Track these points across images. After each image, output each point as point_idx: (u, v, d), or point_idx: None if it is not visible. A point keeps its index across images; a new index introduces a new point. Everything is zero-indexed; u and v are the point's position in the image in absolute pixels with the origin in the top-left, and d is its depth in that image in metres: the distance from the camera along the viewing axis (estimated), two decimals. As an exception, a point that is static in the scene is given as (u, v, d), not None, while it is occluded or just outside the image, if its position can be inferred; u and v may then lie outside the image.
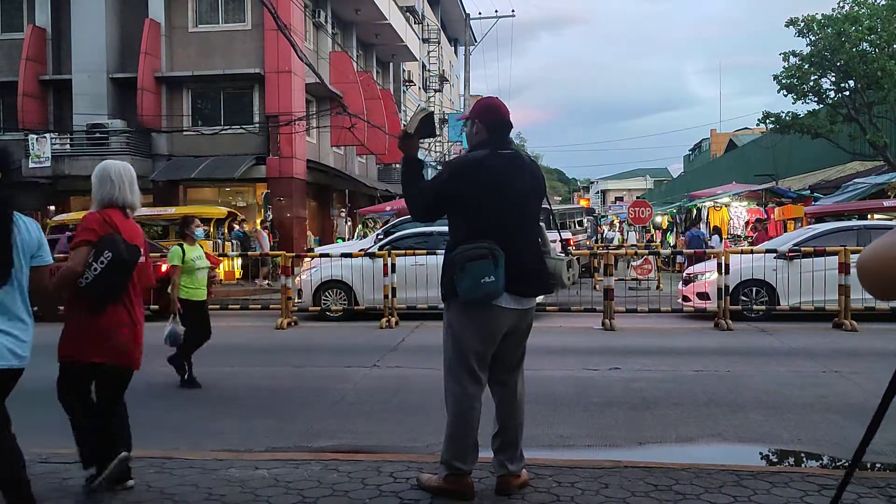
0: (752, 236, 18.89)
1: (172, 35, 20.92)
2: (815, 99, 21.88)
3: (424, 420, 4.94)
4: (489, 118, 3.35)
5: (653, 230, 28.89)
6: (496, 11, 35.02)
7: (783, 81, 21.64)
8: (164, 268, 11.66)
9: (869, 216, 14.22)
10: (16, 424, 5.12)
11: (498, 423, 3.40)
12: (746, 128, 49.61)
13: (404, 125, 3.50)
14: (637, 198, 34.67)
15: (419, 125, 3.34)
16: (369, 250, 11.43)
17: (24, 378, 3.19)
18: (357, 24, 26.51)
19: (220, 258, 14.44)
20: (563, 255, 3.52)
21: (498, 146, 3.31)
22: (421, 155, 35.20)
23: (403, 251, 10.81)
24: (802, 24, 20.84)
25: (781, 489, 3.36)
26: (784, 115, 22.48)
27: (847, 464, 4.23)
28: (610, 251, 12.29)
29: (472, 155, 3.34)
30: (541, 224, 3.51)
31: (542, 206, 3.50)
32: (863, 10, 19.97)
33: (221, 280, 14.63)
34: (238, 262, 15.26)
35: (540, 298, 12.04)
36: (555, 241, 3.65)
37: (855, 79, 20.24)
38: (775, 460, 4.34)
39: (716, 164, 45.62)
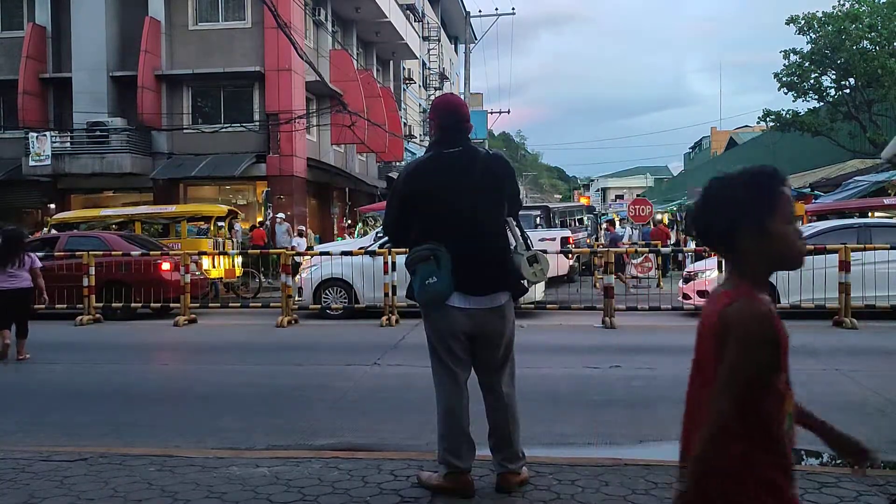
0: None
1: (172, 33, 20.91)
2: (816, 97, 21.89)
3: (425, 418, 4.93)
4: (440, 117, 3.35)
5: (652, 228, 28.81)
6: (496, 9, 34.98)
7: (783, 79, 21.65)
8: (164, 266, 11.69)
9: (869, 214, 14.21)
10: (18, 423, 5.13)
11: (489, 423, 3.41)
12: (747, 126, 49.64)
13: None
14: (637, 196, 34.66)
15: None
16: (369, 248, 11.42)
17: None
18: (357, 21, 26.49)
19: (221, 255, 14.47)
20: (525, 250, 3.39)
21: (446, 145, 3.30)
22: (420, 154, 35.33)
23: (404, 250, 10.79)
24: (803, 22, 20.85)
25: (781, 487, 3.35)
26: (784, 113, 22.49)
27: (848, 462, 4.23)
28: (614, 250, 12.25)
29: (416, 159, 3.43)
30: (509, 219, 3.44)
31: (503, 199, 3.37)
32: (863, 8, 19.97)
33: (222, 279, 14.60)
34: (238, 260, 15.23)
35: (539, 297, 11.92)
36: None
37: (855, 77, 20.24)
38: (775, 458, 4.33)
39: (716, 161, 45.56)
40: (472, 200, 3.25)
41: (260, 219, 19.55)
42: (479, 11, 59.58)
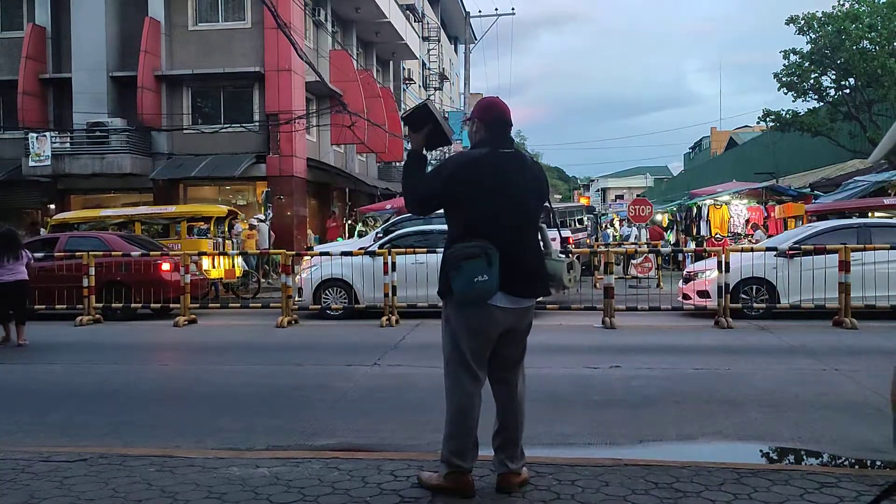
0: (751, 234, 18.89)
1: (172, 33, 20.90)
2: (816, 97, 21.89)
3: (425, 418, 4.94)
4: (488, 117, 3.34)
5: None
6: (496, 9, 35.03)
7: (783, 79, 21.66)
8: (164, 266, 11.69)
9: (869, 214, 14.22)
10: (18, 424, 5.13)
11: (498, 422, 3.41)
12: (747, 126, 49.64)
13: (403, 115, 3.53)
14: (637, 196, 34.63)
15: (413, 113, 3.38)
16: (369, 249, 11.43)
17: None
18: (357, 22, 26.49)
19: (221, 256, 14.47)
20: (563, 256, 3.47)
21: (497, 145, 3.30)
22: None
23: (403, 249, 10.81)
24: (803, 22, 20.85)
25: (781, 487, 3.36)
26: (784, 113, 22.48)
27: (848, 462, 4.23)
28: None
29: (472, 152, 3.33)
30: (542, 225, 3.49)
31: (544, 206, 3.47)
32: (863, 8, 19.97)
33: (222, 279, 14.60)
34: (238, 260, 15.22)
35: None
36: (554, 240, 3.62)
37: (855, 76, 20.24)
38: (775, 458, 4.34)
39: (716, 161, 45.60)
40: (522, 203, 3.28)
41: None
42: (479, 12, 59.57)
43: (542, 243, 3.45)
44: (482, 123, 3.34)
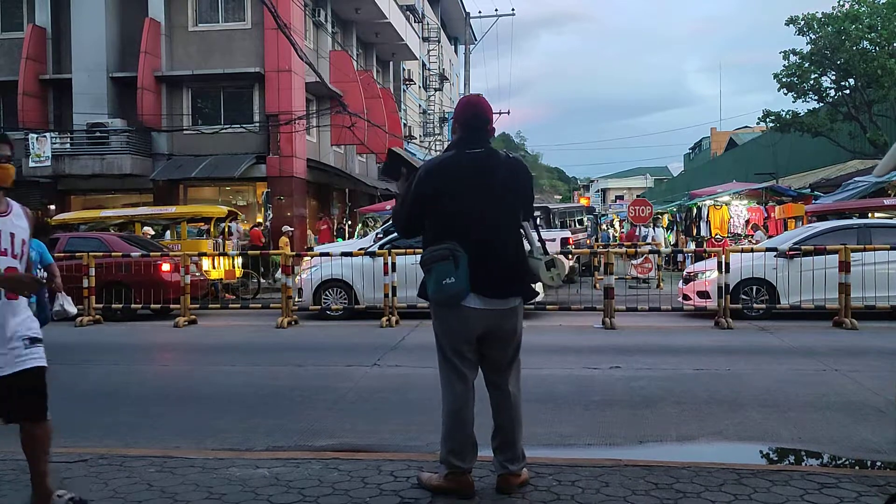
0: (751, 235, 18.89)
1: (172, 34, 20.91)
2: (816, 97, 21.92)
3: (425, 419, 4.94)
4: (463, 116, 3.34)
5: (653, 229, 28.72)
6: (496, 10, 35.05)
7: (783, 80, 21.68)
8: (164, 266, 11.69)
9: (869, 214, 14.21)
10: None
11: (494, 424, 3.41)
12: (747, 126, 49.63)
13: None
14: (637, 196, 34.63)
15: (385, 165, 3.44)
16: (369, 249, 11.43)
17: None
18: (357, 22, 26.50)
19: (221, 257, 14.46)
20: (542, 255, 3.41)
21: (468, 145, 3.29)
22: (420, 155, 35.22)
23: (404, 250, 10.81)
24: (803, 23, 20.88)
25: (781, 487, 3.36)
26: (784, 113, 22.50)
27: (848, 462, 4.23)
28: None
29: (436, 158, 3.38)
30: (524, 223, 3.44)
31: (526, 202, 3.42)
32: (863, 9, 20.00)
33: (222, 279, 14.59)
34: (238, 260, 15.22)
35: (539, 297, 11.99)
36: (542, 240, 3.56)
37: (855, 77, 20.27)
38: (775, 458, 4.34)
39: (716, 162, 45.60)
40: (492, 202, 3.25)
41: (260, 219, 19.57)
42: (479, 12, 59.64)
43: (526, 242, 3.43)
44: (458, 123, 3.36)
